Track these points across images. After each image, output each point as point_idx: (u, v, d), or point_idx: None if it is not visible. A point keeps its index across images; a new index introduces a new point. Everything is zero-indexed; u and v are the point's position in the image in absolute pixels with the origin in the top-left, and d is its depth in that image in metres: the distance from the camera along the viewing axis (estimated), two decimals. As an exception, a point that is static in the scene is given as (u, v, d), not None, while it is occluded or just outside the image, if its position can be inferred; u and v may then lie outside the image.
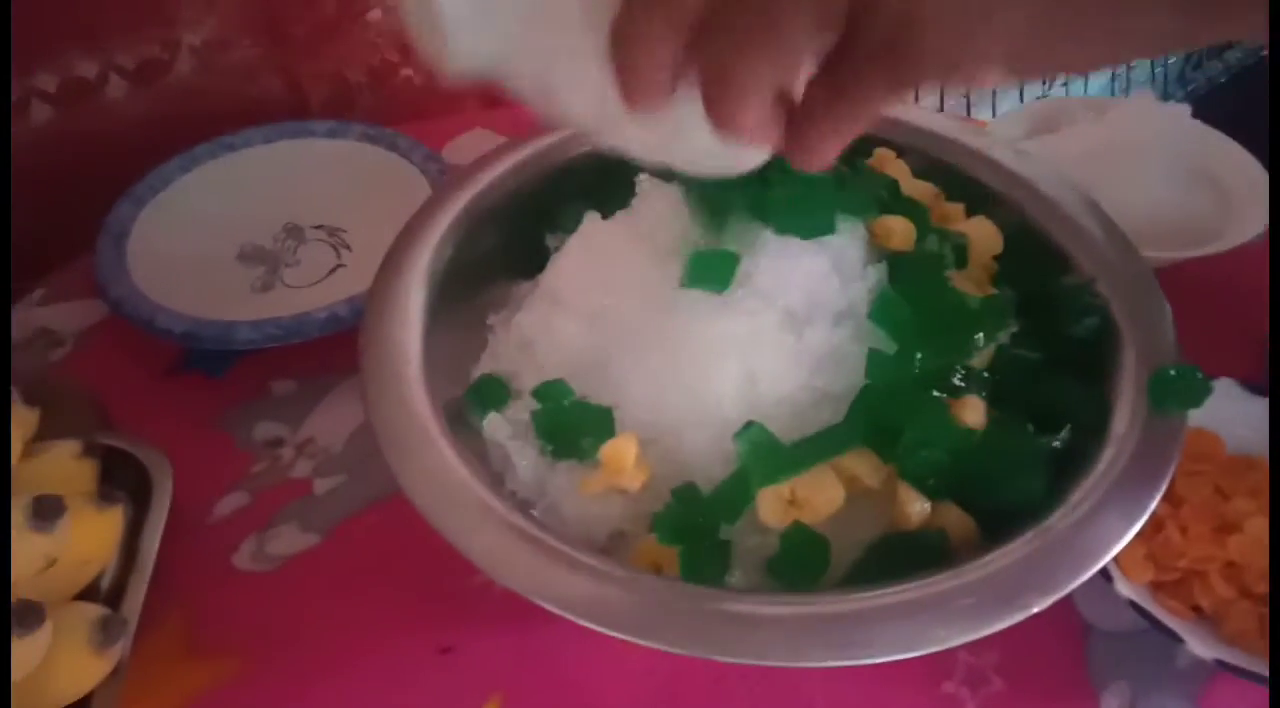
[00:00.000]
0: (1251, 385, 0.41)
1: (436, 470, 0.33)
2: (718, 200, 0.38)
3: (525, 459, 0.36)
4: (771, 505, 0.33)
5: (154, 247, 0.51)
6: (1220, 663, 0.33)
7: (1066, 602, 0.38)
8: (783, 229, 0.36)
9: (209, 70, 0.62)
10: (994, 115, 1.05)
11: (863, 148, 0.43)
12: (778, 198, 0.36)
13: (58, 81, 0.57)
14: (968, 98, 1.04)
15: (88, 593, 0.36)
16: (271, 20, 0.63)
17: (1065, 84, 1.13)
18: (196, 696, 0.36)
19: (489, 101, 0.75)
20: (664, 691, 0.36)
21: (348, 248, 0.54)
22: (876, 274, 0.37)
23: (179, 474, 0.40)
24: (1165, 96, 1.19)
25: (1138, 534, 0.31)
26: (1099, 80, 1.17)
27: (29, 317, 0.51)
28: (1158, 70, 1.20)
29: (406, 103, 0.71)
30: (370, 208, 0.53)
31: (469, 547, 0.31)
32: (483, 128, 0.63)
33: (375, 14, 0.67)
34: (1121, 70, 1.17)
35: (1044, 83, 1.04)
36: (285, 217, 0.55)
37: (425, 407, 0.35)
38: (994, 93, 1.07)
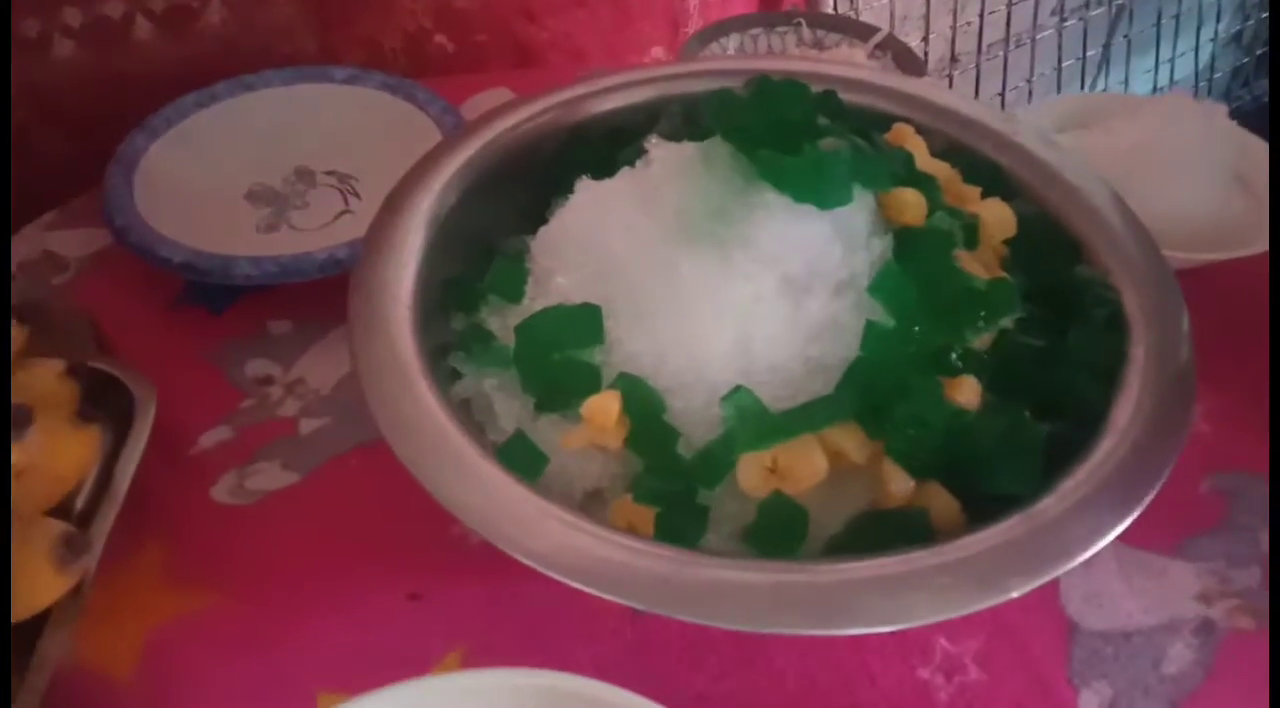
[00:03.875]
0: None
1: (416, 417, 0.32)
2: (729, 163, 0.37)
3: (507, 410, 0.36)
4: (752, 472, 0.32)
5: (164, 179, 0.51)
6: None
7: (1051, 596, 0.37)
8: (800, 197, 0.35)
9: (241, 22, 0.62)
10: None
11: (881, 123, 0.42)
12: (797, 165, 0.35)
13: (82, 18, 0.57)
14: (1003, 95, 1.02)
15: (62, 514, 0.36)
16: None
17: (1105, 91, 1.11)
18: (166, 622, 0.36)
19: (517, 63, 0.74)
20: (632, 652, 0.36)
21: (356, 195, 0.53)
22: (881, 246, 0.35)
23: (167, 405, 0.39)
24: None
25: None
26: (1138, 90, 1.14)
27: (37, 240, 0.51)
28: (1201, 84, 1.17)
29: (439, 71, 0.71)
30: (383, 156, 0.52)
31: (444, 495, 0.30)
32: (506, 87, 0.62)
33: (414, -20, 0.67)
34: (1165, 83, 1.14)
35: (1082, 85, 1.01)
36: (297, 160, 0.55)
37: (411, 351, 0.34)
38: (1030, 94, 1.05)
